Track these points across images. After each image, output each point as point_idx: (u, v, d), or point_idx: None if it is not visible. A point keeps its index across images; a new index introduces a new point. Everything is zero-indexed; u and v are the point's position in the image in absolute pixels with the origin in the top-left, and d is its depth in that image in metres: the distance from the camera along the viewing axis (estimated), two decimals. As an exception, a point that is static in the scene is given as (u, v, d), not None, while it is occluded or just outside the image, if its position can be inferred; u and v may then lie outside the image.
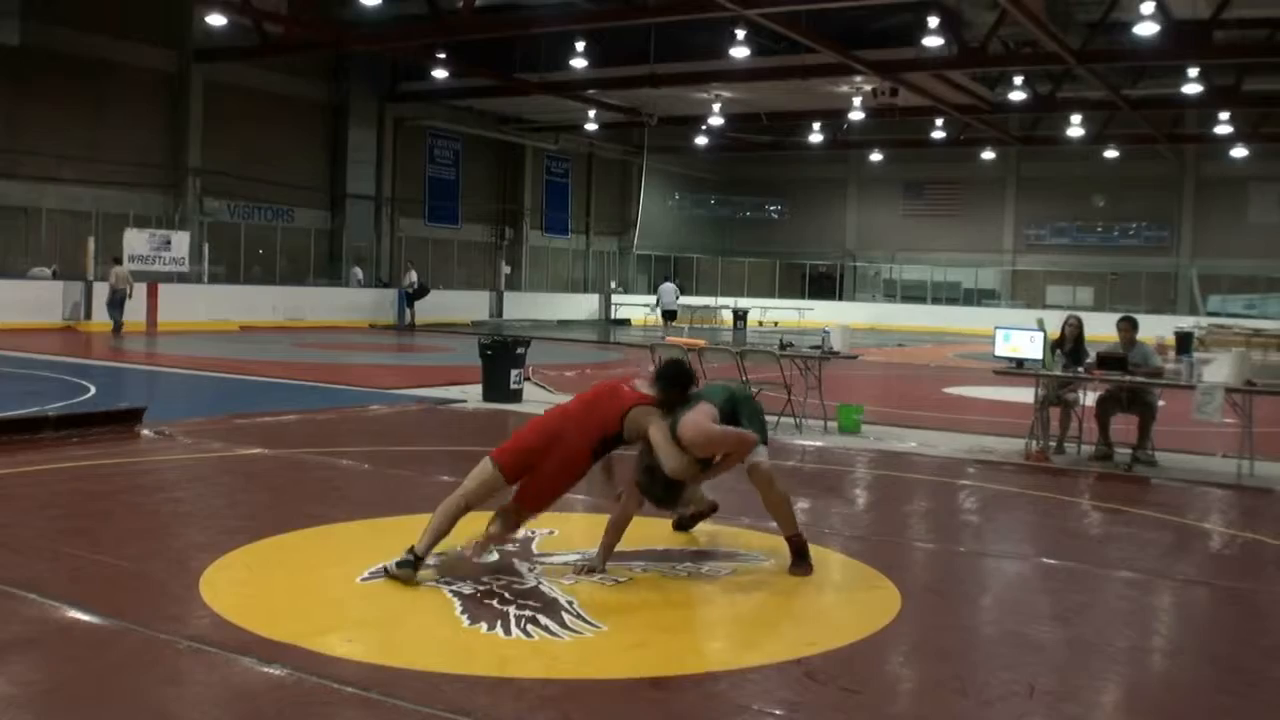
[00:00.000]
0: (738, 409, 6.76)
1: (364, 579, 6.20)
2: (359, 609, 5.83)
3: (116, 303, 25.58)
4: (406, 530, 7.49)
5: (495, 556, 6.62)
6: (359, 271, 35.69)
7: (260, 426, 12.18)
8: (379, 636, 5.44)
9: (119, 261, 26.07)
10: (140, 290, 26.97)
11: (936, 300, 48.43)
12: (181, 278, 28.96)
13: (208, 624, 5.38)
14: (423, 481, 9.43)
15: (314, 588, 6.20)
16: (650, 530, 7.82)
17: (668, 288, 38.17)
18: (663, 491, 6.48)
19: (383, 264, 37.41)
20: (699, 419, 6.44)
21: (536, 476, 6.48)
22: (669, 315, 37.32)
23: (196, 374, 17.91)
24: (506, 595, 5.93)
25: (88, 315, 26.43)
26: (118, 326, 25.36)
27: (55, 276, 27.22)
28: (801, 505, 8.25)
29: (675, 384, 6.65)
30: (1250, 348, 22.35)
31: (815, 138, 42.37)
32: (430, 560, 6.33)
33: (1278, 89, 31.46)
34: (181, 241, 28.86)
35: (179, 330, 26.69)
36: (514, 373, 14.97)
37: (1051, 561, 7.46)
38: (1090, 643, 5.69)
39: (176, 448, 10.36)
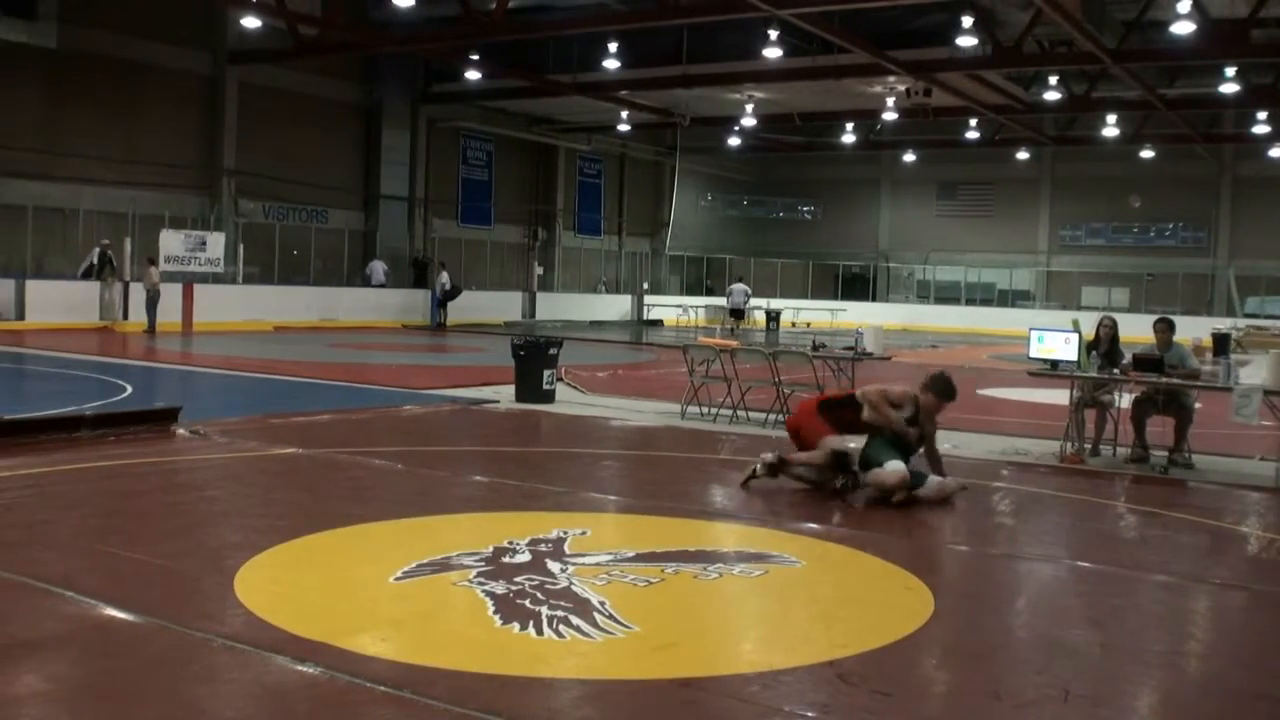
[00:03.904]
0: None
1: (398, 578, 6.23)
2: (392, 608, 5.85)
3: (151, 302, 25.87)
4: (439, 530, 7.56)
5: None
6: (381, 265, 35.60)
7: (294, 426, 12.23)
8: (412, 636, 5.45)
9: (153, 262, 26.32)
10: (176, 291, 27.19)
11: (970, 301, 48.24)
12: (216, 278, 29.17)
13: (242, 622, 5.41)
14: (455, 481, 9.47)
15: (347, 587, 6.22)
16: (682, 531, 7.82)
17: (738, 288, 40.44)
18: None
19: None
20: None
21: None
22: (738, 314, 39.34)
23: (231, 374, 18.02)
24: (539, 595, 5.93)
25: (125, 315, 26.65)
26: (152, 326, 25.63)
27: (107, 254, 27.29)
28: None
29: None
30: (1288, 349, 22.09)
31: (848, 138, 42.30)
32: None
33: (1316, 88, 31.16)
34: (217, 242, 29.08)
35: (214, 330, 26.88)
36: (547, 373, 14.98)
37: (1086, 565, 7.41)
38: (1125, 647, 5.65)
39: (211, 447, 10.42)
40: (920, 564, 7.07)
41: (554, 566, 6.52)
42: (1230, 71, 30.22)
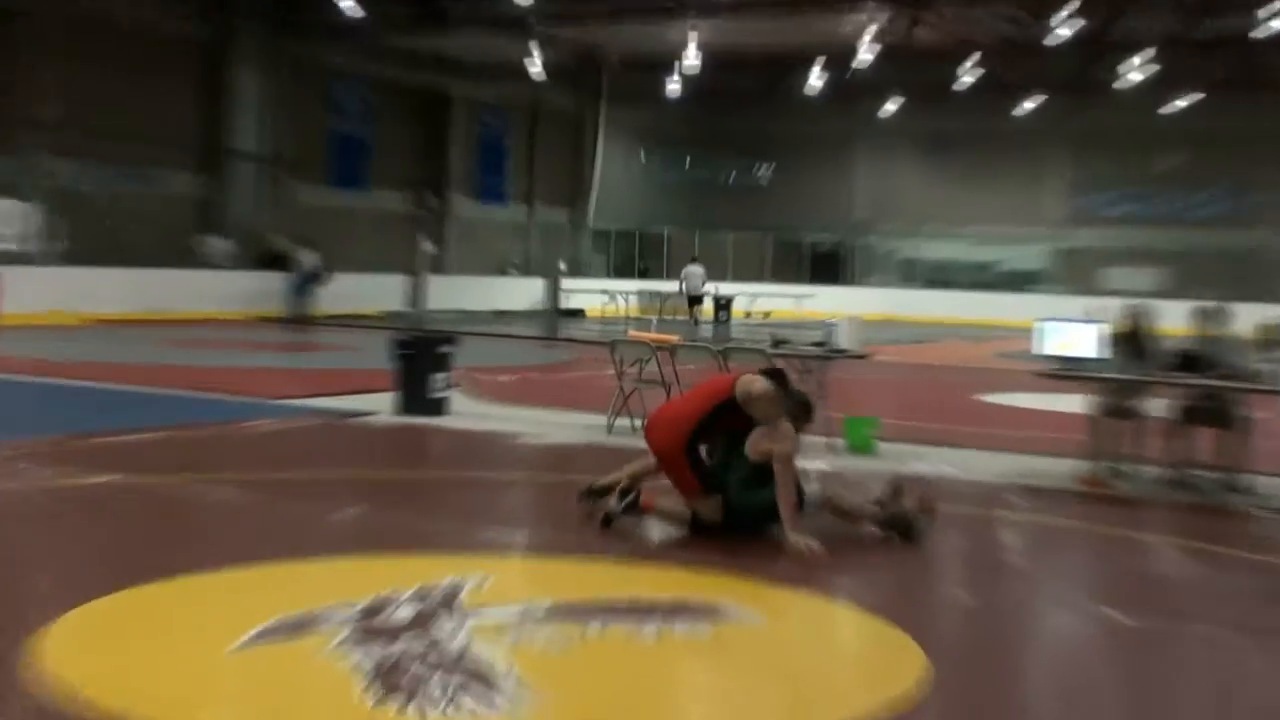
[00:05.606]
0: None
1: (243, 644, 6.10)
2: (234, 684, 5.77)
3: None
4: (298, 580, 7.44)
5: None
6: (221, 243, 35.21)
7: (115, 448, 12.09)
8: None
9: None
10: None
11: (967, 285, 48.67)
12: (16, 259, 28.68)
13: (37, 705, 5.27)
14: (320, 517, 9.33)
15: (178, 655, 6.11)
16: (608, 578, 7.74)
17: (694, 270, 40.75)
18: None
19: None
20: None
21: None
22: (695, 301, 40.02)
23: (36, 381, 17.73)
24: (426, 664, 5.85)
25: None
26: None
27: None
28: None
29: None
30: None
31: (815, 84, 42.48)
32: None
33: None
34: (15, 212, 28.58)
35: (13, 324, 26.42)
36: (437, 378, 14.91)
37: (1118, 616, 7.41)
38: (1170, 723, 5.65)
39: (8, 474, 10.26)
40: (909, 618, 7.04)
41: (446, 625, 6.47)
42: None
